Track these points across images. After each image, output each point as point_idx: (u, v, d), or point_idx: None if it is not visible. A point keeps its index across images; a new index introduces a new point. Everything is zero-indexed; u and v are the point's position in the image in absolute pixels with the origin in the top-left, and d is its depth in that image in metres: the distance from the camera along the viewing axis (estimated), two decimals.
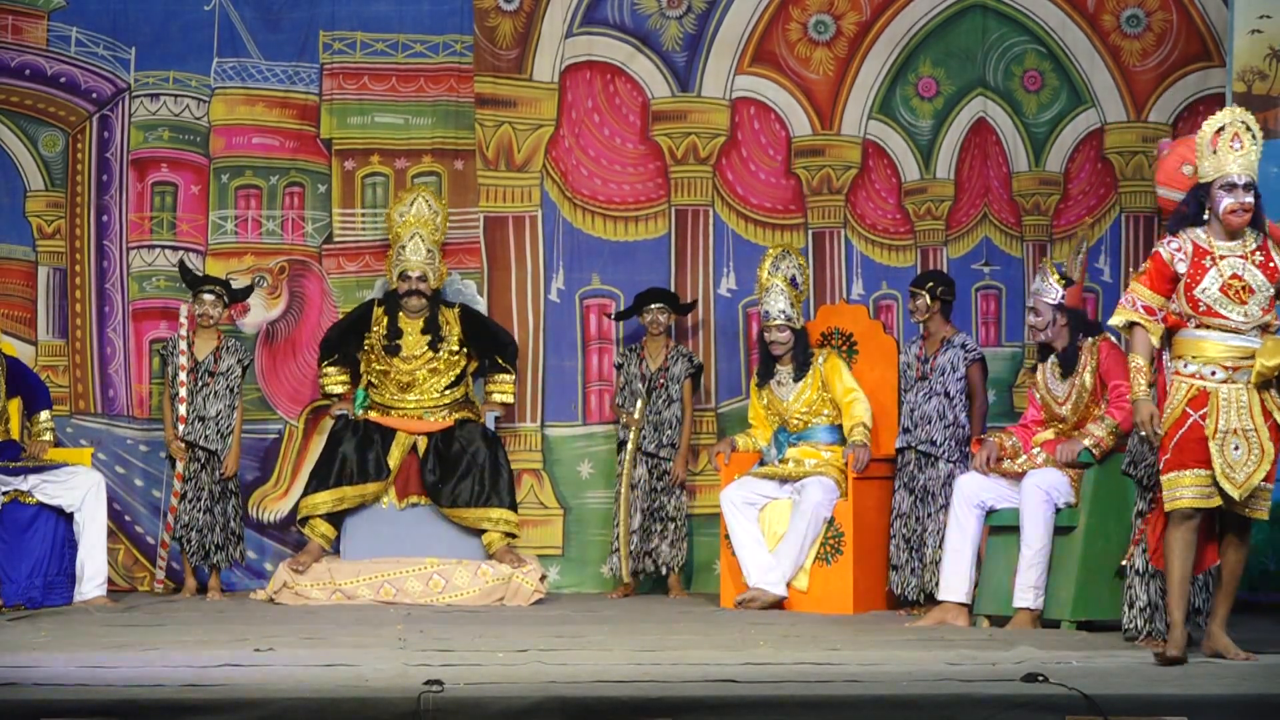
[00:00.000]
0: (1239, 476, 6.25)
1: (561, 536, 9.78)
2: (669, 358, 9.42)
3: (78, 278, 9.66)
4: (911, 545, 8.44)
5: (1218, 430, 6.26)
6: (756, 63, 10.01)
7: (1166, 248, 6.41)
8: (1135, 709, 5.11)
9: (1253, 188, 6.34)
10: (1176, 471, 6.32)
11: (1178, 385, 6.35)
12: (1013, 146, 9.96)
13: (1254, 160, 6.35)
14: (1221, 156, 6.35)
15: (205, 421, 8.99)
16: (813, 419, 8.81)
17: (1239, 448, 6.26)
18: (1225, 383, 6.29)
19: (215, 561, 8.98)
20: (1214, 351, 6.31)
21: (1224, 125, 6.37)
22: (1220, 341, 6.31)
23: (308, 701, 5.07)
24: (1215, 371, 6.31)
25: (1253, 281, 6.31)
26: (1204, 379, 6.31)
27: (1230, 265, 6.32)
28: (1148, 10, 9.94)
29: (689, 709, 5.05)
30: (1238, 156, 6.34)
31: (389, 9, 9.89)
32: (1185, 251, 6.36)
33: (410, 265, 9.21)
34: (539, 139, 9.92)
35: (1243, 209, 6.32)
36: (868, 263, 9.96)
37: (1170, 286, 6.38)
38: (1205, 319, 6.32)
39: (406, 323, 9.24)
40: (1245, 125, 6.37)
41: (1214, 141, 6.36)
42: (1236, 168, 6.33)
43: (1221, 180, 6.34)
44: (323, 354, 9.39)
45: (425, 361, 9.19)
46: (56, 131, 9.70)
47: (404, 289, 9.21)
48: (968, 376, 8.51)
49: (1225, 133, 6.36)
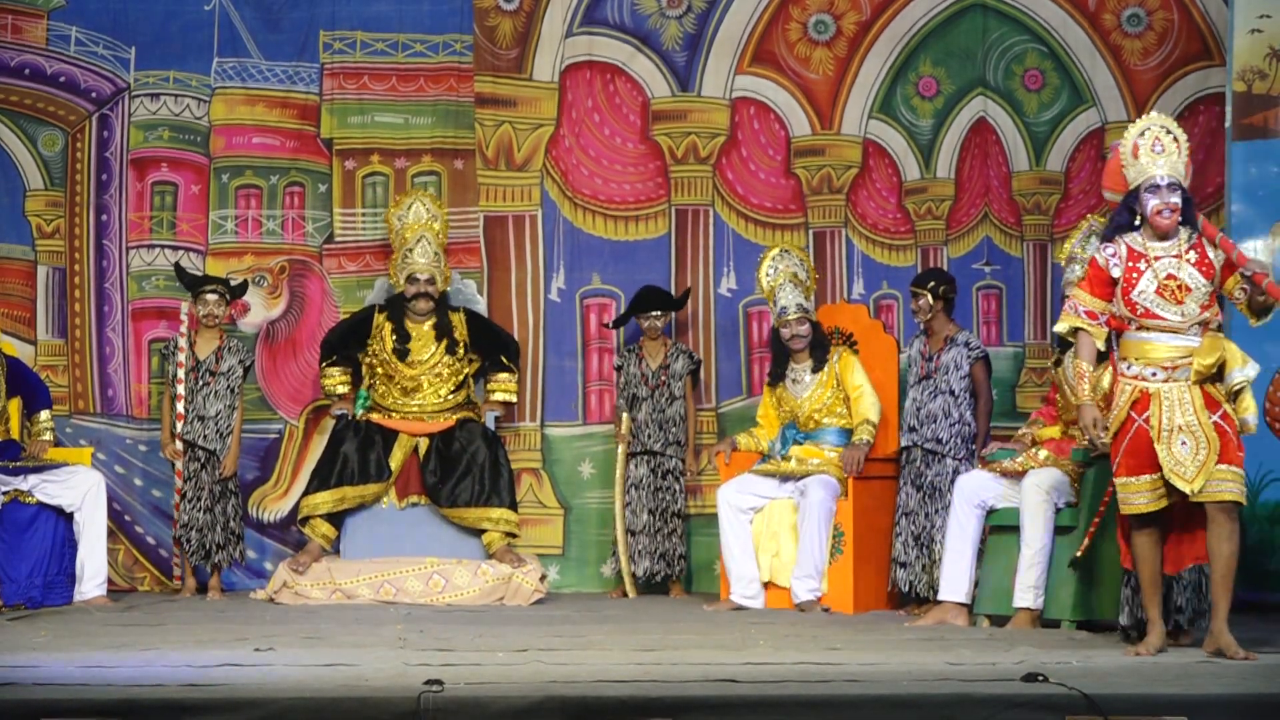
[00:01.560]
0: (1189, 471, 6.33)
1: (562, 536, 9.79)
2: (669, 355, 9.43)
3: (77, 277, 9.66)
4: (921, 542, 8.43)
5: (1162, 430, 6.35)
6: (756, 62, 10.02)
7: (1102, 253, 6.54)
8: (1135, 709, 5.11)
9: (1178, 188, 6.43)
10: (1127, 477, 6.44)
11: (1121, 387, 6.48)
12: (1013, 146, 9.96)
13: (1177, 162, 6.45)
14: (1144, 161, 6.47)
15: (205, 421, 8.99)
16: (824, 419, 8.81)
17: (1186, 443, 6.34)
18: (1166, 382, 6.39)
19: (216, 561, 8.98)
20: (1155, 353, 6.42)
21: (1145, 130, 6.50)
22: (1160, 342, 6.42)
23: (308, 701, 5.07)
24: (1156, 372, 6.41)
25: (1189, 280, 6.39)
26: (1145, 380, 6.42)
27: (1165, 266, 6.42)
28: (1148, 9, 9.93)
29: (689, 709, 5.04)
30: (1159, 159, 6.44)
31: (389, 9, 9.90)
32: (1120, 255, 6.48)
33: (418, 268, 9.20)
34: (539, 138, 9.92)
35: (1168, 209, 6.42)
36: (868, 262, 9.97)
37: (1109, 291, 6.51)
38: (1144, 320, 6.43)
39: (413, 326, 9.23)
40: (1165, 129, 6.49)
41: (1135, 149, 6.49)
42: (1159, 170, 6.43)
43: (1146, 183, 6.45)
44: (323, 354, 9.38)
45: (431, 366, 9.18)
46: (56, 131, 9.70)
47: (412, 291, 9.20)
48: (972, 374, 8.50)
49: (1146, 138, 6.49)
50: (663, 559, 9.34)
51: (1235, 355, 6.39)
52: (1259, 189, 8.72)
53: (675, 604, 9.00)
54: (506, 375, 9.36)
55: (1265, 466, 8.54)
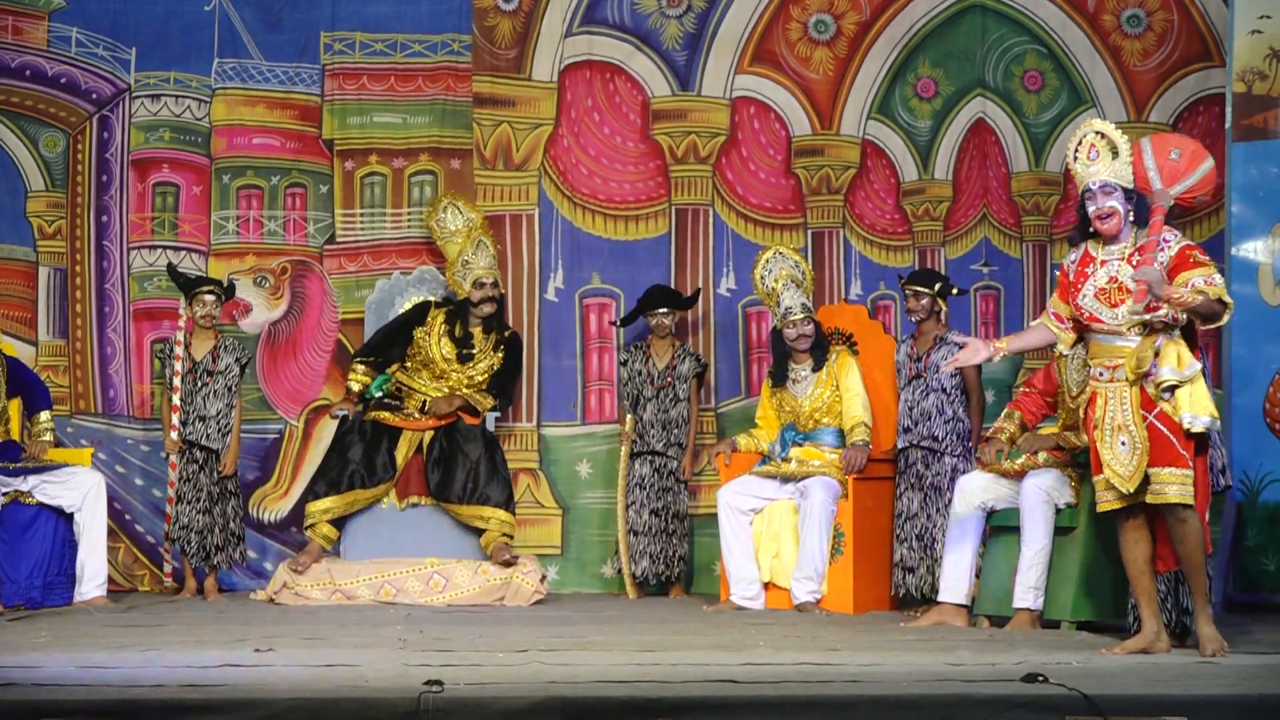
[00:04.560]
0: (1126, 470, 6.43)
1: (560, 536, 9.79)
2: (676, 356, 9.43)
3: (78, 278, 9.67)
4: (924, 543, 8.43)
5: (1105, 428, 6.48)
6: (756, 62, 10.02)
7: (1067, 259, 6.69)
8: (1135, 709, 5.11)
9: (1115, 190, 6.47)
10: (1097, 476, 6.58)
11: (1088, 388, 6.62)
12: (1012, 147, 9.96)
13: (1115, 164, 6.47)
14: (1079, 169, 6.56)
15: (205, 421, 8.98)
16: (824, 419, 8.81)
17: (1125, 443, 6.45)
18: (1111, 382, 6.49)
19: (216, 563, 8.98)
20: (1099, 354, 6.55)
21: (1081, 140, 6.56)
22: (1102, 343, 6.55)
23: (308, 701, 5.07)
24: (1102, 373, 6.53)
25: (1129, 283, 6.44)
26: (1096, 380, 6.55)
27: (1108, 270, 6.51)
28: (1148, 10, 9.94)
29: (689, 709, 5.04)
30: (1092, 165, 6.51)
31: (388, 9, 9.90)
32: (1075, 261, 6.62)
33: (483, 273, 9.24)
34: (538, 138, 9.92)
35: (1104, 213, 6.49)
36: (866, 263, 9.97)
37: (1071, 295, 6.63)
38: (1089, 323, 6.56)
39: (474, 329, 9.27)
40: (1100, 134, 6.52)
41: (1074, 159, 6.57)
42: (1092, 176, 6.50)
43: (1084, 190, 6.55)
44: (362, 351, 9.37)
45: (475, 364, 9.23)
46: (57, 132, 9.71)
47: (478, 296, 9.25)
48: (963, 373, 8.52)
49: (1082, 146, 6.55)
50: (664, 560, 9.34)
51: (1169, 355, 6.39)
52: (1259, 189, 8.72)
53: (675, 604, 9.00)
54: (493, 400, 9.32)
55: (1265, 467, 8.54)
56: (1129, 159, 6.51)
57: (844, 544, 8.49)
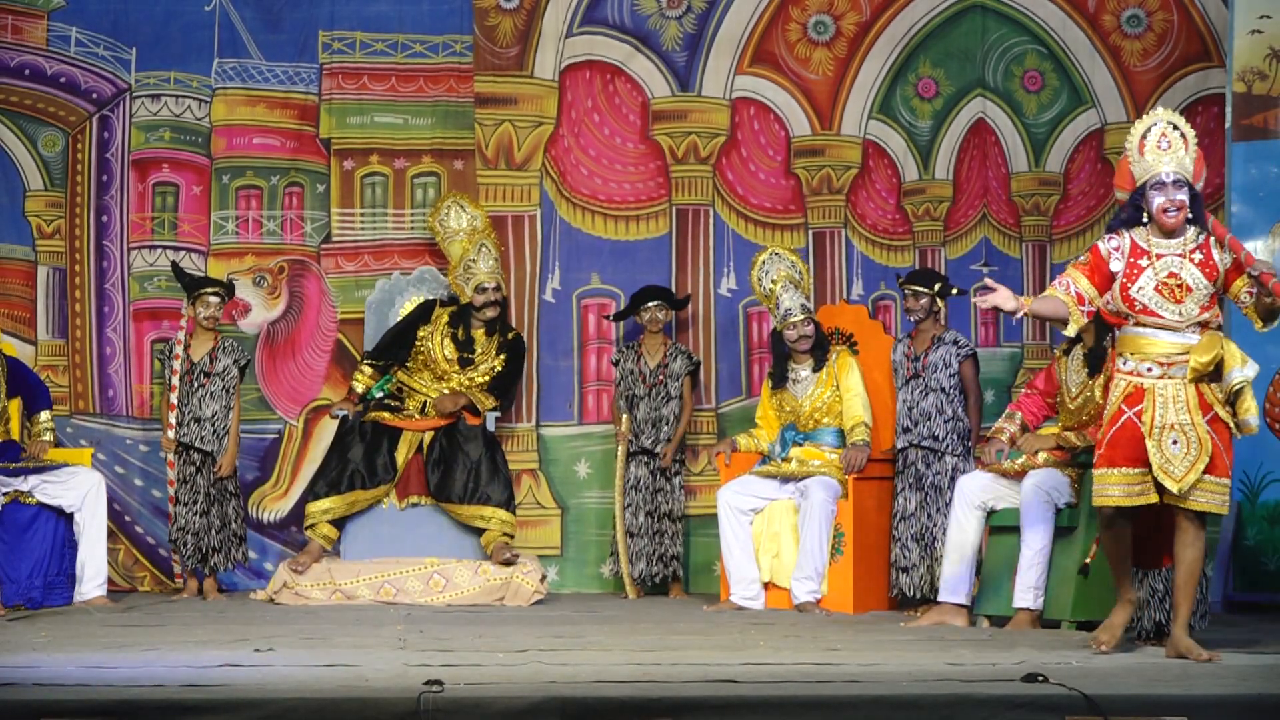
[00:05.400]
0: (1177, 471, 6.24)
1: (560, 536, 9.79)
2: (668, 355, 9.43)
3: (77, 278, 9.67)
4: (923, 543, 8.43)
5: (1154, 426, 6.27)
6: (756, 63, 10.02)
7: (1106, 244, 6.43)
8: (1135, 709, 5.11)
9: (1185, 185, 6.33)
10: (1106, 469, 6.36)
11: (1116, 381, 6.40)
12: (1012, 147, 9.97)
13: (1184, 158, 6.34)
14: (1150, 158, 6.36)
15: (201, 423, 8.97)
16: (824, 419, 8.81)
17: (1177, 442, 6.25)
18: (1161, 379, 6.31)
19: (214, 564, 8.96)
20: (1151, 349, 6.33)
21: (1150, 127, 6.39)
22: (1156, 338, 6.33)
23: (308, 701, 5.06)
24: (1151, 368, 6.32)
25: (1190, 280, 6.30)
26: (1140, 375, 6.33)
27: (1167, 264, 6.32)
28: (1148, 10, 9.94)
29: (689, 709, 5.04)
30: (1165, 155, 6.34)
31: (389, 9, 9.91)
32: (1122, 250, 6.39)
33: (485, 278, 9.23)
34: (539, 137, 9.92)
35: (1174, 206, 6.32)
36: (868, 263, 9.97)
37: (1106, 283, 6.41)
38: (1141, 317, 6.35)
39: (476, 332, 9.26)
40: (1173, 125, 6.37)
41: (1141, 145, 6.39)
42: (1165, 166, 6.33)
43: (1152, 180, 6.35)
44: (372, 353, 9.36)
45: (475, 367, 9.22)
46: (56, 131, 9.71)
47: (481, 300, 9.23)
48: (961, 372, 8.53)
49: (1152, 134, 6.37)
50: (659, 560, 9.34)
51: (1234, 355, 6.29)
52: (1259, 189, 8.72)
53: (675, 604, 9.00)
54: (495, 401, 9.31)
55: (1265, 467, 8.55)
56: (1195, 154, 6.40)
57: (844, 544, 8.49)
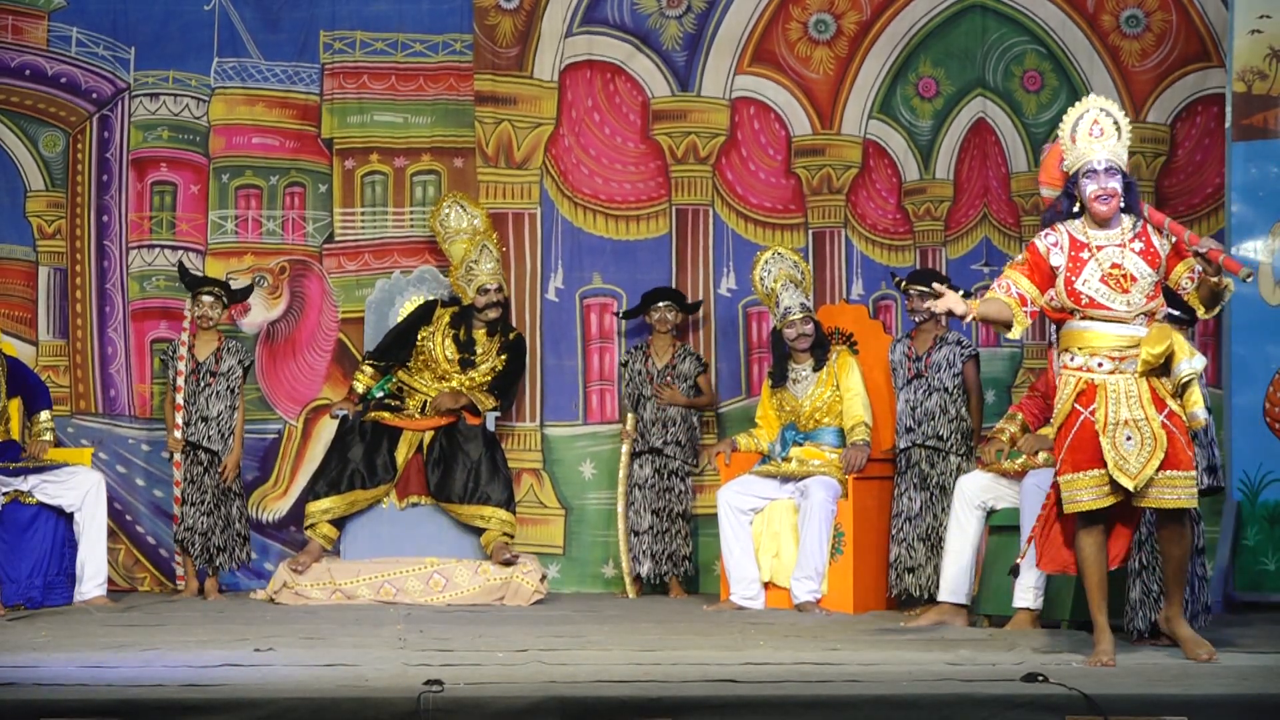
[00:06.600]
0: (1132, 467, 6.09)
1: (562, 536, 9.79)
2: (676, 356, 9.44)
3: (78, 278, 9.67)
4: (929, 543, 8.42)
5: (1108, 423, 6.12)
6: (756, 62, 10.02)
7: (1043, 240, 6.29)
8: (1135, 709, 5.11)
9: (1118, 173, 6.21)
10: (1071, 474, 6.20)
11: (1065, 379, 6.23)
12: (1012, 147, 9.97)
13: (1115, 146, 6.22)
14: (1081, 145, 6.23)
15: (208, 422, 8.98)
16: (824, 419, 8.80)
17: (1131, 438, 6.11)
18: (1113, 373, 6.17)
19: (219, 564, 8.97)
20: (1099, 342, 6.19)
21: (1083, 115, 6.26)
22: (1105, 332, 6.19)
23: (308, 701, 5.07)
24: (1102, 363, 6.18)
25: (1133, 269, 6.18)
26: (1091, 371, 6.19)
27: (1109, 255, 6.19)
28: (1147, 10, 9.94)
29: (689, 709, 5.05)
30: (1096, 143, 6.21)
31: (389, 8, 9.90)
32: (1061, 245, 6.25)
33: (487, 279, 9.23)
34: (539, 136, 9.92)
35: (1106, 194, 6.19)
36: (868, 262, 9.97)
37: (1047, 281, 6.26)
38: (1088, 310, 6.20)
39: (477, 332, 9.26)
40: (1105, 112, 6.26)
41: (1073, 133, 6.26)
42: (1097, 154, 6.21)
43: (1084, 168, 6.22)
44: (374, 353, 9.36)
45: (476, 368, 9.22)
46: (57, 131, 9.71)
47: (483, 302, 9.23)
48: (964, 372, 8.53)
49: (1084, 121, 6.24)
50: (668, 559, 9.34)
51: (1183, 346, 6.12)
52: (1259, 189, 8.72)
53: (675, 604, 9.00)
54: (494, 400, 9.31)
55: (1265, 467, 8.54)
56: (1128, 141, 6.28)
57: (844, 544, 8.49)
